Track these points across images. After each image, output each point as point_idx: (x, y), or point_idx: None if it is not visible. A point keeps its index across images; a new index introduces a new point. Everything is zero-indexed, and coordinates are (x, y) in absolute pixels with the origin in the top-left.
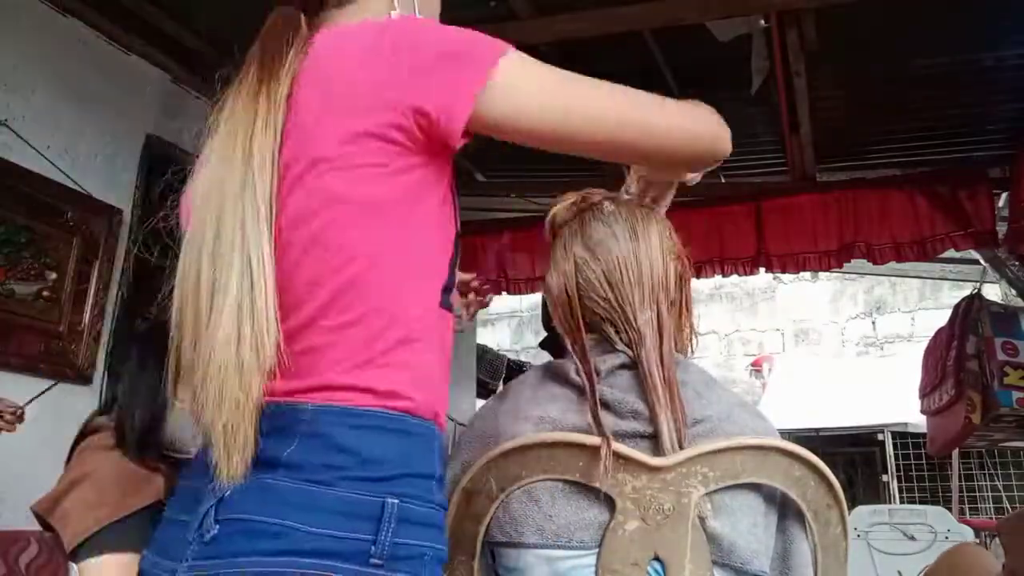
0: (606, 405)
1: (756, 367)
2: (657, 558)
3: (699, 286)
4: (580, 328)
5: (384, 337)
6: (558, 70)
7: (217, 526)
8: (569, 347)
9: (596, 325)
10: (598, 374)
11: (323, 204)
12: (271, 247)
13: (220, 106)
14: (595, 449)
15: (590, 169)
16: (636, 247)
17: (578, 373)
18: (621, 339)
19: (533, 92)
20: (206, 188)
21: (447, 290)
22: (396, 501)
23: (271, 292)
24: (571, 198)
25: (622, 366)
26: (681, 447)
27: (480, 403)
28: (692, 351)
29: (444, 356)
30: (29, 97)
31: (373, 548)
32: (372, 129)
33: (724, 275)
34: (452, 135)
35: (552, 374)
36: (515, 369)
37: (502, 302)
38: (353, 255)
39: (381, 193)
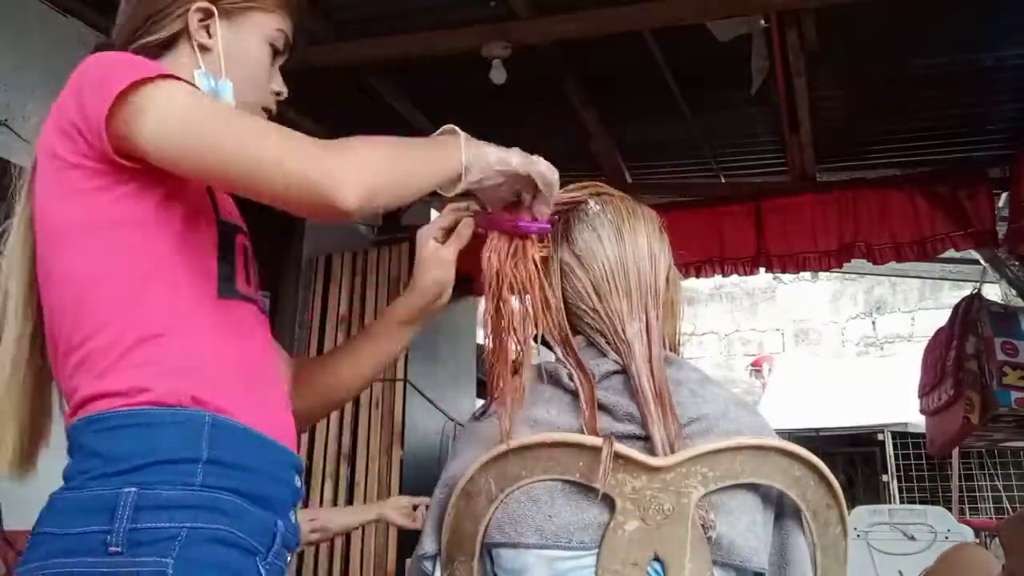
0: (603, 408)
1: (756, 367)
2: (657, 558)
3: (699, 286)
4: (570, 337)
5: (121, 341)
6: (193, 104)
7: (29, 539)
8: (561, 355)
9: (585, 332)
10: (594, 377)
11: (43, 238)
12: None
13: None
14: (595, 450)
15: (590, 168)
16: (623, 251)
17: (571, 378)
18: (611, 348)
19: (163, 117)
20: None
21: (226, 279)
22: (133, 490)
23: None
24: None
25: (615, 371)
26: (674, 452)
27: (480, 403)
28: (679, 348)
29: (220, 342)
30: (29, 97)
31: (109, 537)
32: (61, 154)
33: (724, 275)
34: (104, 145)
35: (546, 377)
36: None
37: None
38: (72, 279)
39: (81, 216)
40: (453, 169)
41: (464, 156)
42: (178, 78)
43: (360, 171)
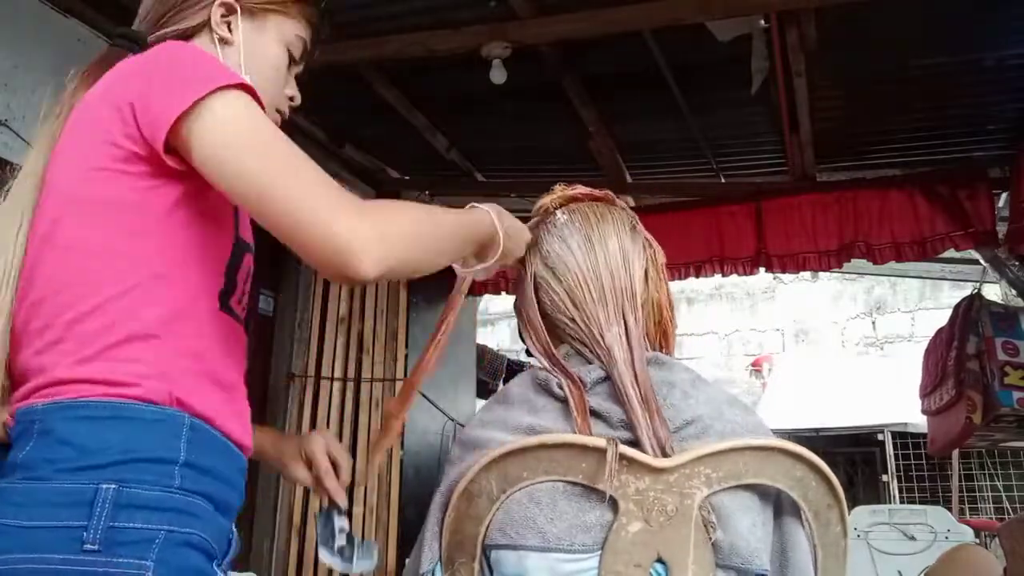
0: (598, 415)
1: (756, 367)
2: (660, 560)
3: (699, 286)
4: (552, 349)
5: (114, 331)
6: (262, 129)
7: None
8: (548, 365)
9: (568, 341)
10: (584, 385)
11: (56, 197)
12: (20, 251)
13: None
14: (598, 451)
15: (590, 168)
16: (593, 258)
17: (560, 387)
18: (593, 355)
19: (230, 131)
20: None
21: (226, 294)
22: (112, 486)
23: (8, 292)
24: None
25: (603, 378)
26: (666, 456)
27: (480, 403)
28: (671, 347)
29: (209, 352)
30: (29, 97)
31: (85, 534)
32: (105, 127)
33: (724, 275)
34: (156, 142)
35: (536, 386)
36: (515, 369)
37: (502, 303)
38: (78, 250)
39: (105, 191)
40: (485, 238)
41: (499, 229)
42: (251, 90)
43: (387, 245)
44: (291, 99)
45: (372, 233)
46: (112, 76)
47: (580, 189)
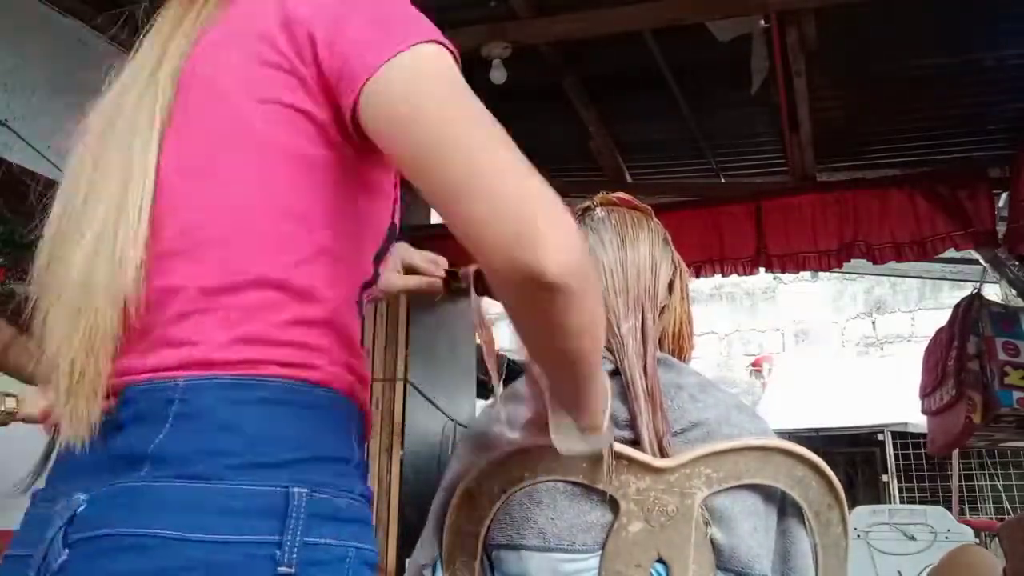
0: None
1: (756, 367)
2: (661, 560)
3: (699, 286)
4: None
5: (281, 309)
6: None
7: (67, 551)
8: None
9: None
10: None
11: (214, 130)
12: (152, 176)
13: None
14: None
15: (590, 168)
16: (623, 256)
17: None
18: (605, 347)
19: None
20: (105, 101)
21: (367, 286)
22: (304, 490)
23: (146, 209)
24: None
25: (613, 373)
26: (663, 454)
27: (480, 403)
28: (686, 358)
29: (354, 353)
30: (29, 97)
31: (278, 553)
32: (282, 57)
33: (724, 275)
34: (344, 95)
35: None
36: (515, 369)
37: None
38: (245, 206)
39: (287, 140)
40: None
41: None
42: (447, 47)
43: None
44: None
45: (573, 242)
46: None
47: (622, 195)
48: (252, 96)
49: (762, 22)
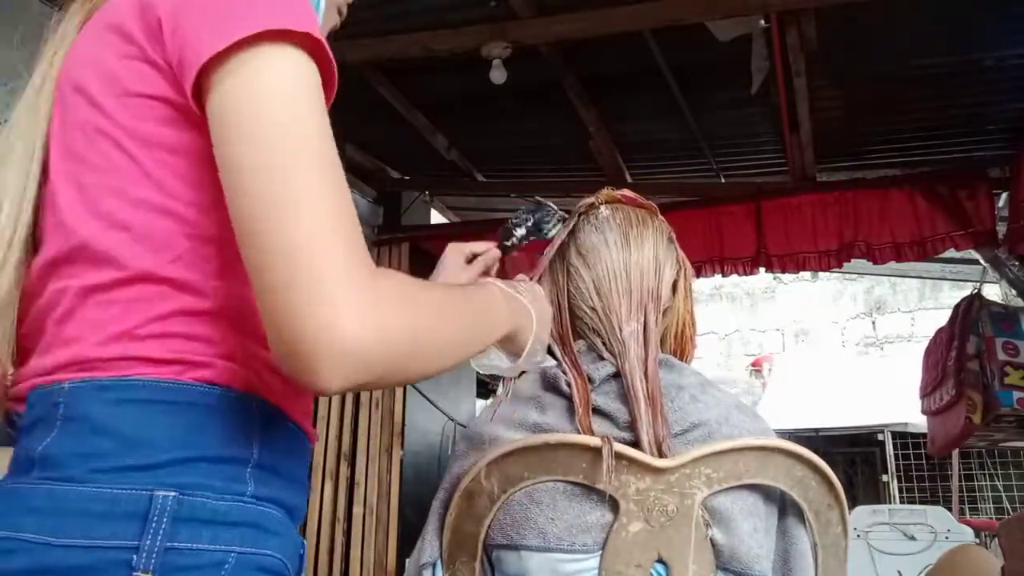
0: (604, 415)
1: (756, 367)
2: (661, 560)
3: (699, 286)
4: (570, 338)
5: (162, 302)
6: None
7: None
8: (560, 355)
9: (584, 333)
10: (592, 382)
11: (84, 129)
12: (34, 185)
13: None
14: (598, 451)
15: (590, 168)
16: (627, 256)
17: (568, 385)
18: (607, 349)
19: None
20: (12, 117)
21: None
22: (172, 494)
23: (24, 217)
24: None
25: (614, 375)
26: (662, 456)
27: (480, 403)
28: (688, 359)
29: (260, 343)
30: None
31: (135, 558)
32: (137, 47)
33: (724, 275)
34: (185, 81)
35: (546, 383)
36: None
37: None
38: (119, 201)
39: (152, 130)
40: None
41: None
42: (320, 43)
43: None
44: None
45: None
46: None
47: (627, 193)
48: (113, 92)
49: (762, 22)
